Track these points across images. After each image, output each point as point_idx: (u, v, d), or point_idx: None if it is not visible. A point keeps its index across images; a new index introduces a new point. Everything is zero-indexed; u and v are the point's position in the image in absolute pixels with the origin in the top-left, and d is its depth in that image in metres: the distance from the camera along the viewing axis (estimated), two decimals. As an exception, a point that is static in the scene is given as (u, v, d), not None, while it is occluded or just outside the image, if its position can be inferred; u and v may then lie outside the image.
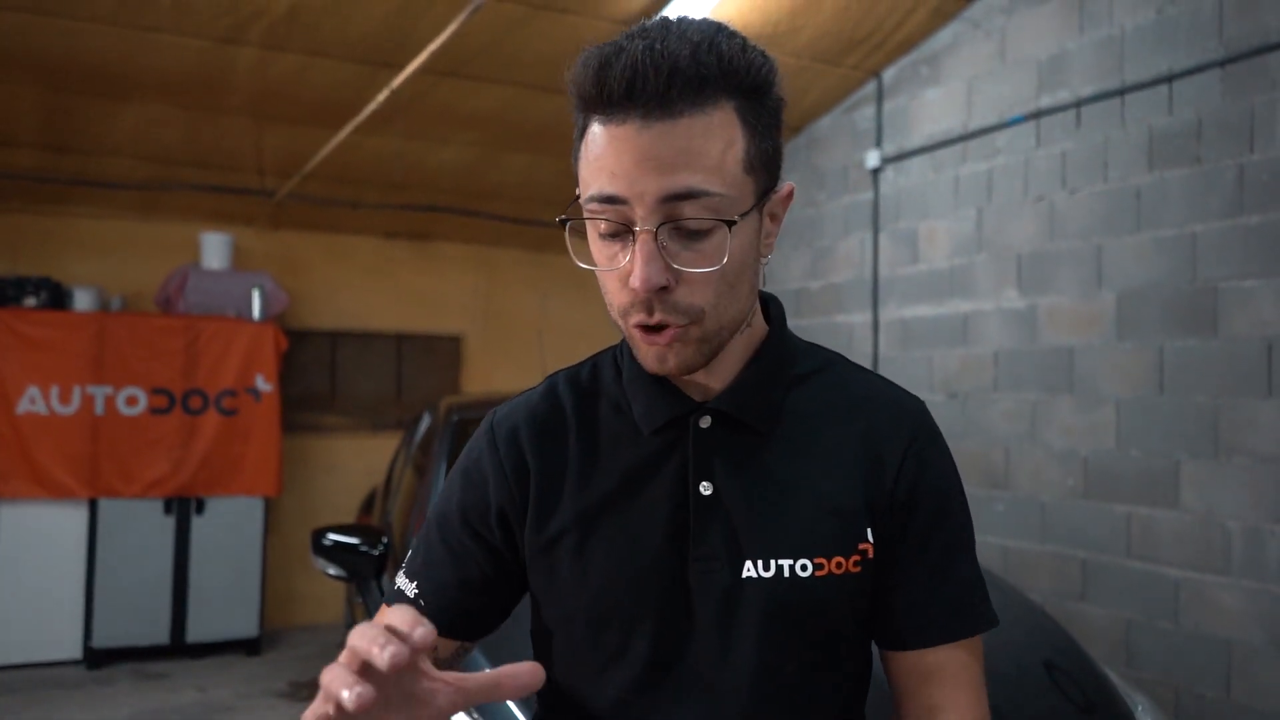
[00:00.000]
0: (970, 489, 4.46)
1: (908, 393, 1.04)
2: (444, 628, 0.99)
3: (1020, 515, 4.29)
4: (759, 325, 1.02)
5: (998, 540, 4.39)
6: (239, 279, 5.66)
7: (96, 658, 5.15)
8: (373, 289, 6.41)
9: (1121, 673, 3.37)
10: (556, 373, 1.08)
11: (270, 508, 5.71)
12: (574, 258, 0.95)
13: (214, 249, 5.66)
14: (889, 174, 5.07)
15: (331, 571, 2.83)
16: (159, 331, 5.33)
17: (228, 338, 5.45)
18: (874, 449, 0.98)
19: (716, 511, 0.96)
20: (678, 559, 0.95)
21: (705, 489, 0.96)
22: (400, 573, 1.05)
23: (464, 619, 1.02)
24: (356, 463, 6.15)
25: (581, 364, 1.08)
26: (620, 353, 1.05)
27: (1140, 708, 2.14)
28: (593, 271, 0.93)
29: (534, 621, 1.05)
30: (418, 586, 1.02)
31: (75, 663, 5.17)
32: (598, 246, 0.91)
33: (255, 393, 5.50)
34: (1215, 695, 3.51)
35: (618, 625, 0.96)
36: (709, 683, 0.95)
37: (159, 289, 5.69)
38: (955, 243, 4.67)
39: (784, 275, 5.69)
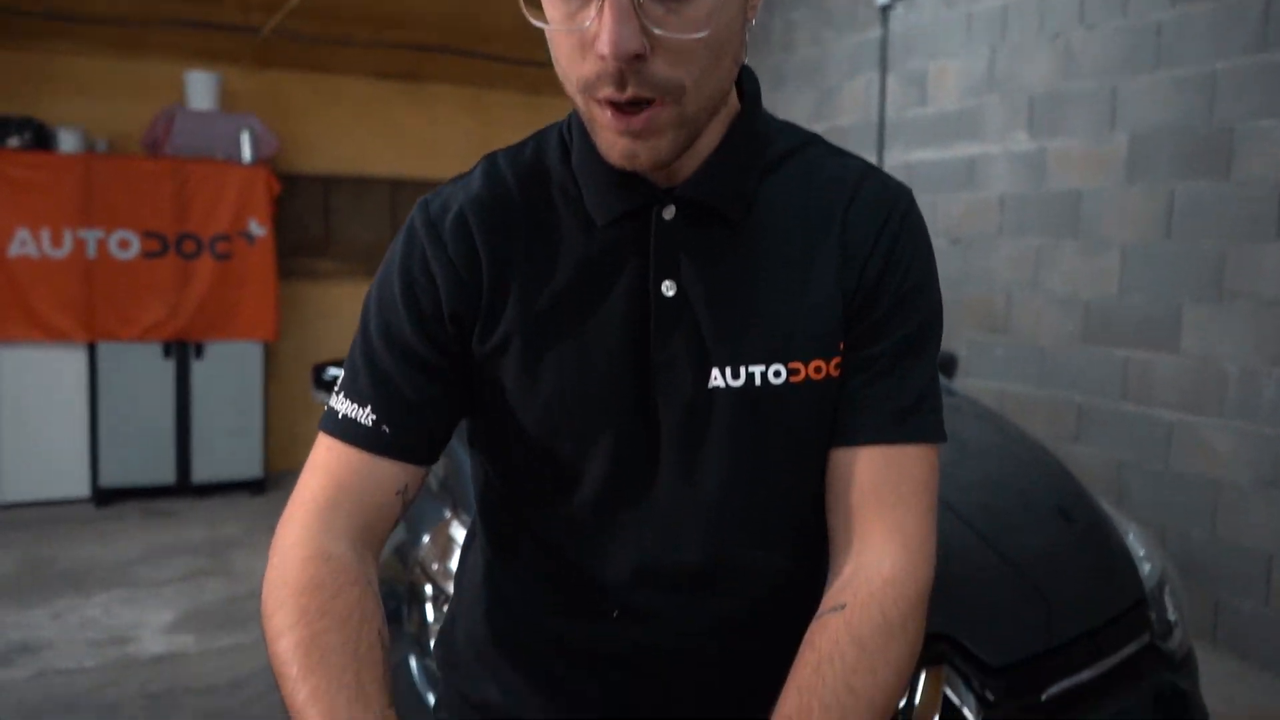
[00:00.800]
0: (970, 334, 4.46)
1: (891, 178, 0.91)
2: (409, 454, 0.87)
3: (1019, 360, 4.31)
4: (732, 102, 0.88)
5: (995, 384, 4.42)
6: (227, 121, 5.50)
7: (104, 496, 5.25)
8: (365, 133, 6.25)
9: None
10: (494, 152, 0.92)
11: (269, 353, 5.73)
12: (525, 12, 0.79)
13: (200, 89, 5.48)
14: (899, 10, 4.88)
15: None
16: (148, 175, 5.21)
17: (219, 181, 5.34)
18: (849, 237, 0.86)
19: (681, 314, 0.84)
20: (637, 368, 0.85)
21: (668, 289, 0.84)
22: (340, 396, 0.88)
23: (429, 443, 0.88)
24: (353, 309, 6.06)
25: (523, 143, 0.93)
26: (568, 129, 0.90)
27: (1131, 535, 2.18)
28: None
29: (478, 439, 0.94)
30: (374, 413, 0.86)
31: (84, 501, 5.28)
32: (552, 1, 0.76)
33: (249, 237, 5.43)
34: (1201, 534, 3.60)
35: (571, 442, 0.86)
36: (670, 505, 0.86)
37: (146, 131, 5.54)
38: (966, 83, 4.53)
39: (786, 117, 5.54)
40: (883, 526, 0.84)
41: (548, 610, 0.91)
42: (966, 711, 1.69)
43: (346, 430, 0.86)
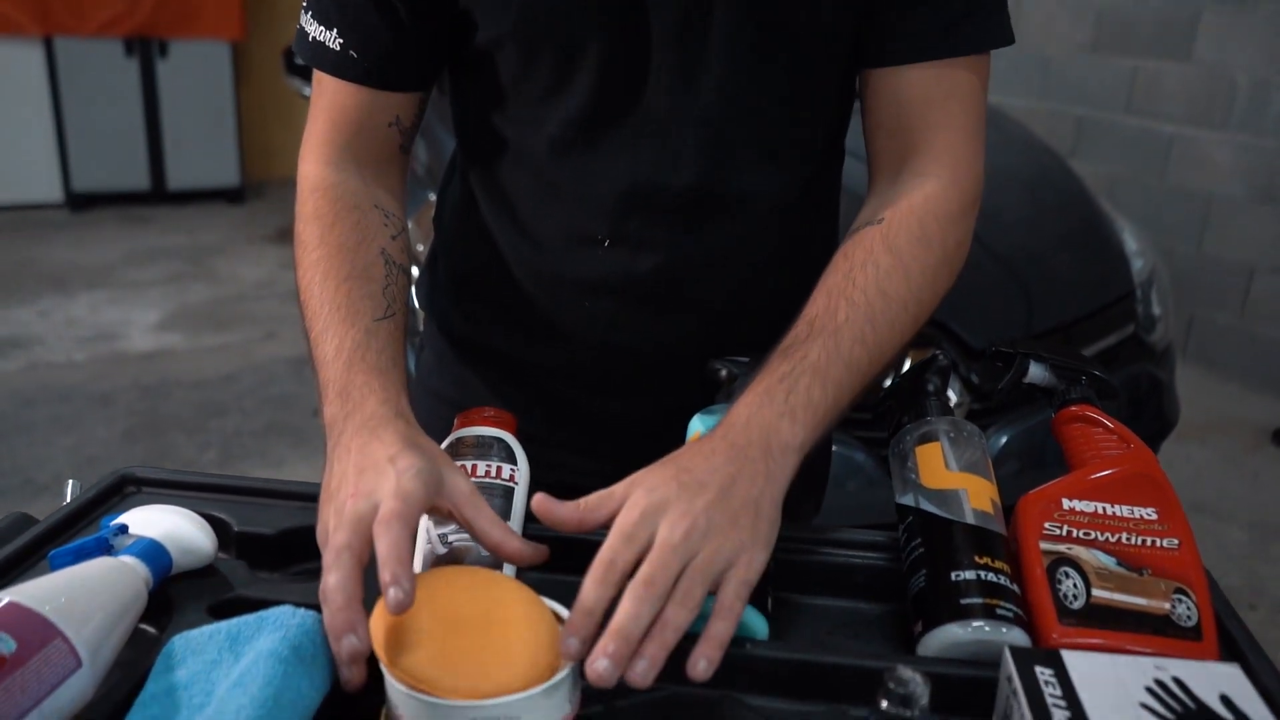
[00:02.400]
0: (974, 42, 4.25)
1: None
2: (388, 80, 0.81)
3: (1022, 71, 4.13)
4: None
5: (993, 97, 4.26)
6: None
7: (78, 201, 5.15)
8: None
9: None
10: None
11: (238, 56, 5.43)
12: None
13: None
14: None
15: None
16: None
17: None
18: None
19: None
20: None
21: None
22: (308, 15, 0.81)
23: (406, 69, 0.81)
24: (324, 10, 5.75)
25: None
26: None
27: (1126, 231, 2.16)
28: None
29: (459, 56, 0.85)
30: (341, 37, 0.79)
31: (57, 206, 5.17)
32: None
33: (208, -78, 5.01)
34: (1186, 249, 3.60)
35: (556, 48, 0.77)
36: (664, 118, 0.78)
37: None
38: None
39: None
40: (927, 149, 0.79)
41: (533, 240, 0.86)
42: (951, 393, 1.72)
43: (318, 55, 0.81)
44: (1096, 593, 0.64)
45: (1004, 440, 1.71)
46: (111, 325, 3.76)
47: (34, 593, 0.57)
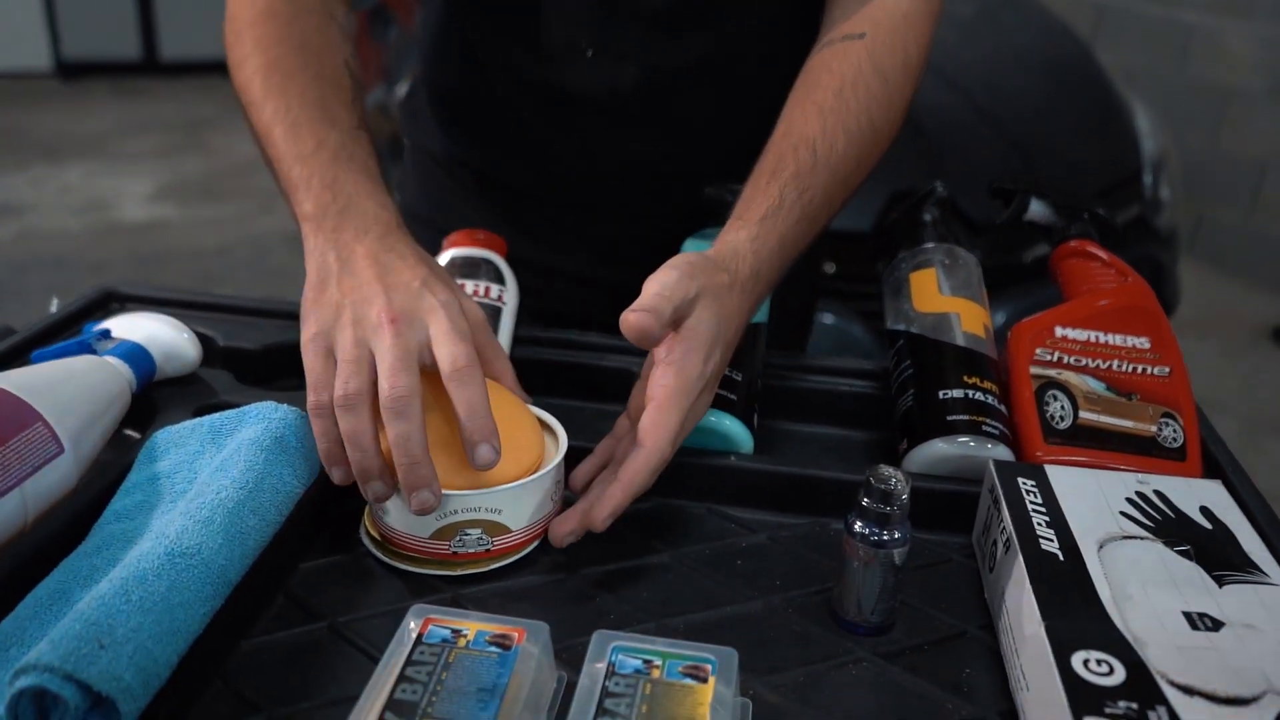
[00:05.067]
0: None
1: None
2: None
3: (1042, -45, 3.99)
4: None
5: (1012, -16, 4.13)
6: None
7: (69, 70, 5.03)
8: None
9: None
10: None
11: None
12: None
13: None
14: None
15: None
16: None
17: None
18: None
19: None
20: None
21: None
22: None
23: None
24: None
25: None
26: None
27: (1139, 112, 2.11)
28: None
29: None
30: None
31: (48, 75, 5.05)
32: None
33: None
34: (1199, 144, 3.53)
35: None
36: None
37: None
38: None
39: None
40: None
41: (514, 54, 0.83)
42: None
43: None
44: (1084, 415, 0.64)
45: (1001, 321, 1.69)
46: (104, 195, 3.71)
47: (14, 379, 0.57)
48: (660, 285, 0.56)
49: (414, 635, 0.46)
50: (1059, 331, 0.67)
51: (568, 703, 0.44)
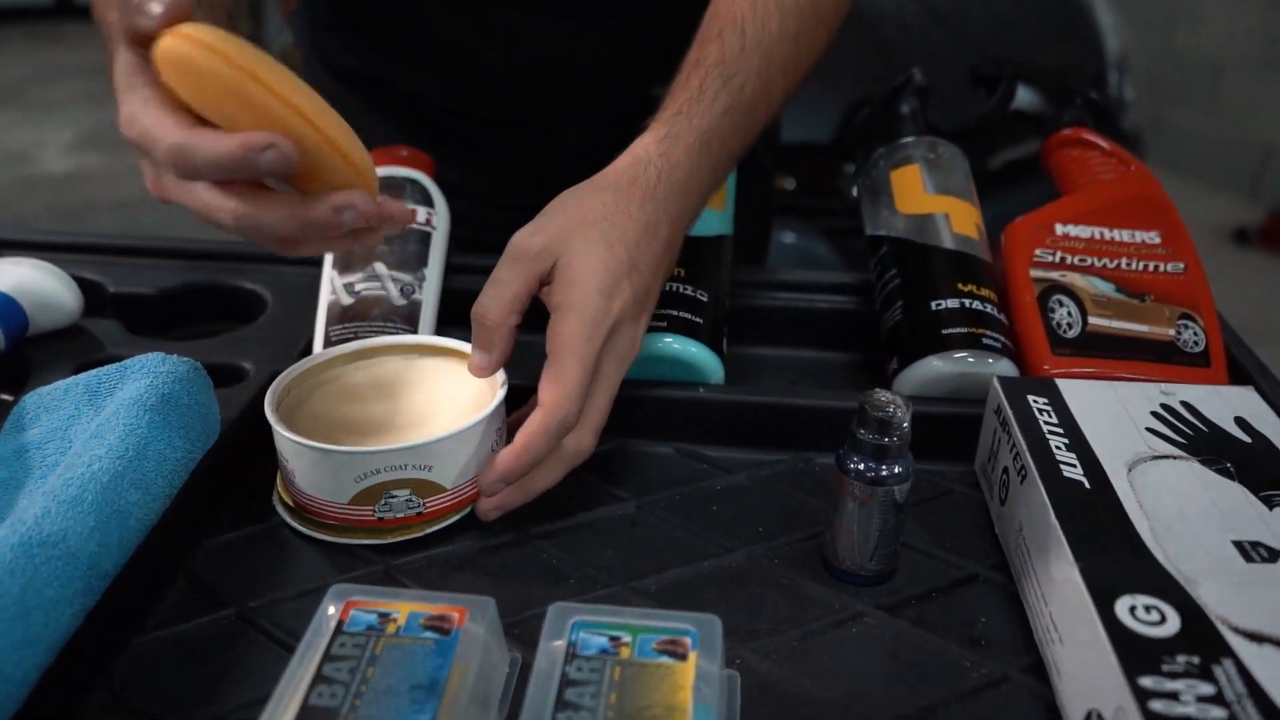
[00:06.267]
0: None
1: None
2: None
3: None
4: None
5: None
6: None
7: (-23, 18, 4.76)
8: None
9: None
10: None
11: None
12: None
13: None
14: None
15: None
16: None
17: None
18: None
19: None
20: None
21: None
22: None
23: None
24: None
25: None
26: None
27: (1100, 8, 2.03)
28: None
29: None
30: None
31: (-44, 23, 4.78)
32: None
33: None
34: (1157, 43, 3.47)
35: None
36: None
37: None
38: None
39: None
40: None
41: None
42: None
43: None
44: (1093, 320, 0.56)
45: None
46: (24, 146, 3.51)
47: None
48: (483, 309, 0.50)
49: (333, 623, 0.38)
50: (1059, 229, 0.60)
51: (523, 689, 0.36)
